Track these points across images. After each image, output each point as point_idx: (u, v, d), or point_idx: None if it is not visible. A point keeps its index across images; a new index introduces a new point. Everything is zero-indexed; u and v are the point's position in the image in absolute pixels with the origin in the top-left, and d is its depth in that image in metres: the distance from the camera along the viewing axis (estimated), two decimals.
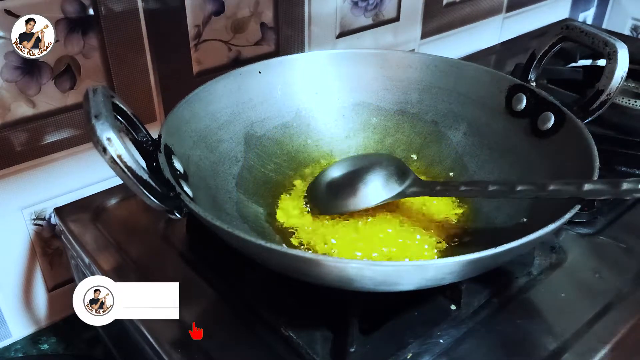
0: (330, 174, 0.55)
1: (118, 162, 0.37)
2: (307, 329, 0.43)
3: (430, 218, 0.52)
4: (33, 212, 0.60)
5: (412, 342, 0.43)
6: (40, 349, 0.64)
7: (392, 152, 0.60)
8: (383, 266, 0.37)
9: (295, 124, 0.60)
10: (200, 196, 0.47)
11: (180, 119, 0.51)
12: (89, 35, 0.56)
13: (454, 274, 0.39)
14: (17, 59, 0.53)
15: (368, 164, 0.53)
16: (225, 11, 0.65)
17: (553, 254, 0.52)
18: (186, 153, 0.49)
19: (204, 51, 0.66)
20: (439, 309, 0.45)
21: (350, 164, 0.55)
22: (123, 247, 0.53)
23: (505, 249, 0.36)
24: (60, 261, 0.64)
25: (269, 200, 0.55)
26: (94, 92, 0.40)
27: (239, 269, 0.47)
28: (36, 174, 0.58)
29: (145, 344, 0.45)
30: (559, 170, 0.47)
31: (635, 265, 0.51)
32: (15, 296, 0.62)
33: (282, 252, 0.36)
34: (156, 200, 0.40)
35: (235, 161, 0.55)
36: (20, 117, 0.55)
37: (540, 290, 0.48)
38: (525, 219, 0.47)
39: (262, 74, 0.59)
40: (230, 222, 0.39)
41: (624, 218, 0.57)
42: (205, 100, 0.54)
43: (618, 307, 0.47)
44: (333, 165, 0.57)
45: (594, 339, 0.44)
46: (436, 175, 0.58)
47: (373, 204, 0.50)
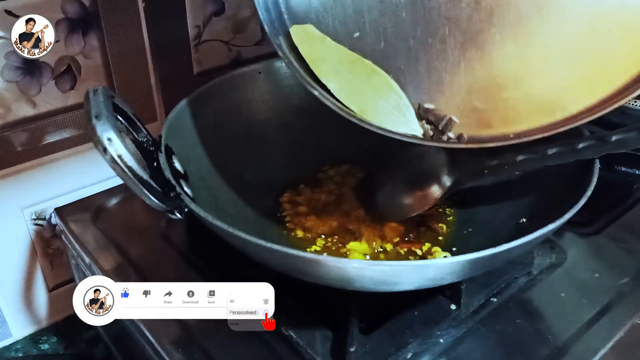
0: (378, 178, 0.55)
1: (118, 162, 0.38)
2: (307, 328, 0.43)
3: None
4: (34, 212, 0.60)
5: (412, 341, 0.43)
6: (40, 348, 0.65)
7: None
8: (383, 266, 0.37)
9: (295, 124, 0.60)
10: (200, 196, 0.47)
11: (180, 119, 0.51)
12: (89, 35, 0.56)
13: (453, 274, 0.39)
14: (17, 59, 0.53)
15: (415, 161, 0.53)
16: (225, 11, 0.65)
17: (553, 253, 0.52)
18: (187, 153, 0.49)
19: (205, 51, 0.66)
20: (439, 308, 0.45)
21: (397, 164, 0.54)
22: (123, 247, 0.53)
23: (505, 249, 0.36)
24: (60, 261, 0.64)
25: (269, 200, 0.55)
26: (95, 93, 0.40)
27: (239, 269, 0.47)
28: (37, 174, 0.58)
29: (146, 344, 0.45)
30: (559, 170, 0.47)
31: (634, 265, 0.51)
32: (16, 296, 0.62)
33: (283, 252, 0.36)
34: (156, 200, 0.40)
35: (236, 161, 0.55)
36: (21, 117, 0.55)
37: (540, 290, 0.48)
38: (525, 219, 0.47)
39: (262, 74, 0.59)
40: (231, 222, 0.39)
41: (623, 218, 0.57)
42: (205, 101, 0.54)
43: (617, 307, 0.47)
44: (378, 169, 0.56)
45: (593, 339, 0.44)
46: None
47: (433, 203, 0.51)
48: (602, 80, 0.43)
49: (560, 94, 0.44)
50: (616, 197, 0.60)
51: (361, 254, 0.49)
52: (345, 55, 0.46)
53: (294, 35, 0.46)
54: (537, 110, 0.44)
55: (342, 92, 0.45)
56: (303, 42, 0.46)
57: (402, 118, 0.45)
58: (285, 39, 0.46)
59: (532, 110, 0.45)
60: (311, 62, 0.45)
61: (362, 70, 0.46)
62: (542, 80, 0.45)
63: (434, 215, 0.53)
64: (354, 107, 0.45)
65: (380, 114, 0.45)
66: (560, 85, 0.44)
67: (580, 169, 0.45)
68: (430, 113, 0.46)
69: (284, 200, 0.55)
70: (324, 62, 0.45)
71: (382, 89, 0.46)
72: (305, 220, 0.52)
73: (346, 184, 0.57)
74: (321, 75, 0.45)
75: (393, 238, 0.51)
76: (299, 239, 0.51)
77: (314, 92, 0.44)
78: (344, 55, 0.46)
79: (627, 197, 0.60)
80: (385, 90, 0.46)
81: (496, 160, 0.49)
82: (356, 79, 0.45)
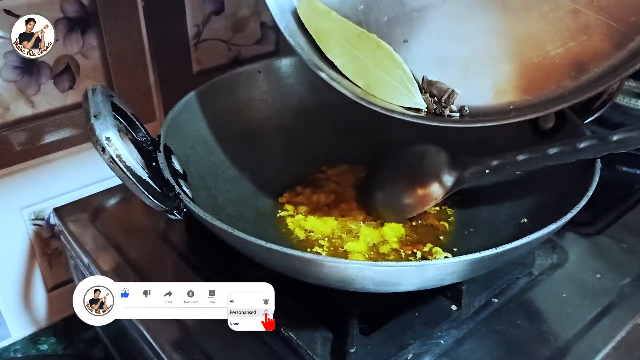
0: (379, 178, 0.55)
1: (117, 161, 0.37)
2: (307, 329, 0.43)
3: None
4: (32, 212, 0.60)
5: (413, 342, 0.42)
6: (39, 349, 0.64)
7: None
8: (383, 266, 0.37)
9: (295, 124, 0.59)
10: (199, 196, 0.47)
11: (179, 118, 0.51)
12: (88, 34, 0.56)
13: (454, 275, 0.39)
14: (16, 59, 0.53)
15: (415, 160, 0.53)
16: (225, 11, 0.65)
17: (554, 254, 0.52)
18: (186, 153, 0.49)
19: (204, 51, 0.66)
20: (440, 309, 0.45)
21: (397, 163, 0.54)
22: (122, 247, 0.53)
23: (506, 249, 0.36)
24: (59, 261, 0.64)
25: (269, 200, 0.55)
26: (94, 92, 0.40)
27: (239, 269, 0.47)
28: (35, 174, 0.58)
29: (145, 344, 0.45)
30: (559, 170, 0.47)
31: (636, 265, 0.51)
32: (15, 296, 0.62)
33: (283, 252, 0.36)
34: (155, 200, 0.40)
35: (235, 161, 0.55)
36: (20, 117, 0.55)
37: (541, 291, 0.48)
38: (526, 219, 0.47)
39: (262, 73, 0.58)
40: (230, 223, 0.39)
41: (624, 218, 0.57)
42: (205, 100, 0.54)
43: (619, 308, 0.46)
44: (378, 169, 0.56)
45: (595, 339, 0.44)
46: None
47: (435, 202, 0.51)
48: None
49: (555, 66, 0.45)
50: (618, 197, 0.60)
51: (361, 254, 0.49)
52: (350, 29, 0.47)
53: (300, 10, 0.47)
54: (534, 82, 0.45)
55: (348, 69, 0.46)
56: (309, 18, 0.47)
57: (406, 92, 0.47)
58: (293, 18, 0.47)
59: (531, 82, 0.45)
60: (318, 37, 0.47)
61: (367, 45, 0.47)
62: (538, 52, 0.45)
63: (435, 215, 0.53)
64: (360, 82, 0.46)
65: (385, 88, 0.46)
66: (555, 57, 0.45)
67: (582, 169, 0.45)
68: (433, 86, 0.47)
69: (284, 201, 0.55)
70: (330, 37, 0.46)
71: (386, 63, 0.47)
72: (305, 220, 0.52)
73: (346, 184, 0.57)
74: (328, 52, 0.47)
75: (393, 238, 0.50)
76: (298, 239, 0.51)
77: (320, 74, 0.45)
78: (349, 29, 0.47)
79: (628, 197, 0.60)
80: (389, 65, 0.47)
81: (497, 160, 0.49)
82: (361, 55, 0.46)
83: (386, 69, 0.47)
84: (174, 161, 0.46)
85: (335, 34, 0.47)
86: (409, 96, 0.47)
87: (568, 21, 0.44)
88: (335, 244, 0.50)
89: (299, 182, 0.57)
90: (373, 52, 0.47)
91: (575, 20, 0.43)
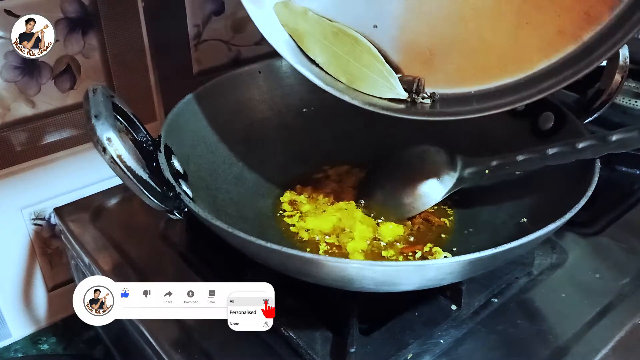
0: (379, 178, 0.55)
1: (118, 162, 0.37)
2: (307, 329, 0.43)
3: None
4: (33, 212, 0.60)
5: (413, 342, 0.42)
6: (40, 349, 0.64)
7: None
8: (383, 266, 0.37)
9: (295, 124, 0.59)
10: (200, 196, 0.47)
11: (180, 119, 0.51)
12: (89, 35, 0.56)
13: (454, 274, 0.39)
14: (16, 59, 0.53)
15: (415, 160, 0.53)
16: (225, 11, 0.65)
17: (554, 254, 0.52)
18: (186, 153, 0.49)
19: (204, 51, 0.66)
20: (440, 309, 0.45)
21: (397, 163, 0.55)
22: (123, 247, 0.53)
23: (505, 249, 0.36)
24: (60, 261, 0.64)
25: (269, 200, 0.55)
26: (94, 92, 0.40)
27: (239, 269, 0.47)
28: (36, 174, 0.58)
29: (145, 344, 0.45)
30: (559, 170, 0.47)
31: (635, 265, 0.51)
32: (15, 296, 0.62)
33: (283, 252, 0.36)
34: (156, 200, 0.40)
35: (235, 161, 0.55)
36: (20, 117, 0.55)
37: (541, 291, 0.48)
38: (526, 219, 0.47)
39: (262, 73, 0.58)
40: (230, 222, 0.39)
41: (624, 218, 0.57)
42: (205, 100, 0.54)
43: (619, 308, 0.46)
44: (378, 169, 0.56)
45: (594, 339, 0.44)
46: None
47: (434, 202, 0.51)
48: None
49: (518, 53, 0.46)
50: (617, 197, 0.60)
51: (361, 254, 0.49)
52: (327, 27, 0.48)
53: (277, 13, 0.48)
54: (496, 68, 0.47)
55: (330, 65, 0.48)
56: (287, 19, 0.48)
57: (387, 84, 0.48)
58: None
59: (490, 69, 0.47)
60: (297, 38, 0.48)
61: (345, 41, 0.48)
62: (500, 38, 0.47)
63: (435, 215, 0.53)
64: (343, 78, 0.48)
65: (366, 82, 0.48)
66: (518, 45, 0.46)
67: (581, 169, 0.45)
68: (401, 81, 0.49)
69: (284, 200, 0.55)
70: (309, 36, 0.48)
71: (366, 57, 0.48)
72: (305, 220, 0.52)
73: (346, 184, 0.57)
74: (308, 51, 0.48)
75: (393, 238, 0.50)
76: (298, 239, 0.51)
77: (304, 72, 0.47)
78: (326, 27, 0.48)
79: (628, 197, 0.60)
80: (369, 59, 0.48)
81: (497, 160, 0.49)
82: (341, 51, 0.48)
83: (366, 63, 0.48)
84: (175, 161, 0.46)
85: (313, 32, 0.48)
86: (390, 88, 0.48)
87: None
88: (336, 244, 0.50)
89: (299, 181, 0.57)
90: (352, 48, 0.48)
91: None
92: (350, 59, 0.48)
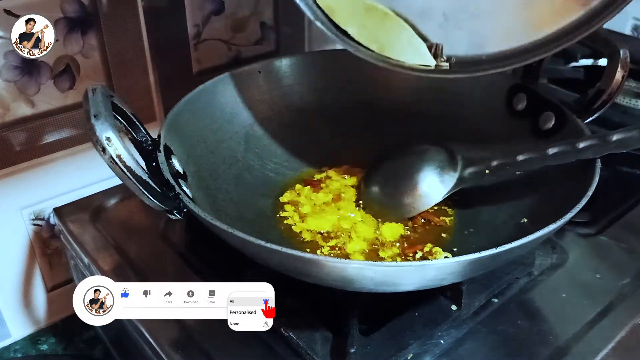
0: (379, 177, 0.55)
1: (117, 162, 0.37)
2: (307, 329, 0.43)
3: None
4: (32, 212, 0.60)
5: (413, 342, 0.42)
6: (39, 349, 0.64)
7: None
8: (383, 266, 0.37)
9: (295, 124, 0.59)
10: (199, 196, 0.47)
11: (179, 118, 0.51)
12: (88, 34, 0.56)
13: (454, 274, 0.39)
14: (16, 59, 0.53)
15: (416, 160, 0.53)
16: (225, 10, 0.65)
17: (554, 254, 0.52)
18: (186, 153, 0.49)
19: (204, 51, 0.66)
20: (440, 309, 0.45)
21: (396, 163, 0.55)
22: (122, 247, 0.53)
23: (506, 249, 0.36)
24: (59, 261, 0.64)
25: (268, 200, 0.55)
26: (94, 92, 0.40)
27: (239, 269, 0.47)
28: (35, 174, 0.58)
29: (145, 344, 0.45)
30: (560, 170, 0.47)
31: (636, 265, 0.51)
32: (15, 296, 0.62)
33: (283, 252, 0.36)
34: (155, 200, 0.40)
35: (235, 161, 0.55)
36: (20, 117, 0.55)
37: (541, 291, 0.48)
38: (526, 219, 0.47)
39: (262, 73, 0.58)
40: (230, 222, 0.39)
41: (625, 218, 0.57)
42: (205, 100, 0.54)
43: (619, 308, 0.46)
44: (378, 168, 0.56)
45: (595, 339, 0.44)
46: None
47: (435, 202, 0.51)
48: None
49: (529, 20, 0.49)
50: (618, 197, 0.60)
51: (361, 254, 0.49)
52: (358, 3, 0.51)
53: None
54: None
55: (361, 35, 0.50)
56: None
57: (416, 52, 0.51)
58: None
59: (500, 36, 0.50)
60: (329, 12, 0.50)
61: (375, 15, 0.51)
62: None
63: (435, 215, 0.53)
64: (374, 46, 0.50)
65: (397, 49, 0.51)
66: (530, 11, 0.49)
67: (582, 168, 0.45)
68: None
69: (284, 201, 0.55)
70: (341, 10, 0.50)
71: (395, 29, 0.51)
72: (305, 220, 0.52)
73: (346, 184, 0.57)
74: (340, 23, 0.50)
75: (393, 238, 0.50)
76: (298, 239, 0.51)
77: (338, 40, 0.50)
78: (357, 3, 0.51)
79: (628, 197, 0.60)
80: (398, 30, 0.51)
81: (497, 160, 0.49)
82: (371, 23, 0.50)
83: (395, 33, 0.51)
84: (174, 161, 0.46)
85: (345, 7, 0.51)
86: (419, 55, 0.51)
87: None
88: (335, 244, 0.50)
89: (299, 181, 0.57)
90: (381, 21, 0.51)
91: None
92: (380, 29, 0.50)
